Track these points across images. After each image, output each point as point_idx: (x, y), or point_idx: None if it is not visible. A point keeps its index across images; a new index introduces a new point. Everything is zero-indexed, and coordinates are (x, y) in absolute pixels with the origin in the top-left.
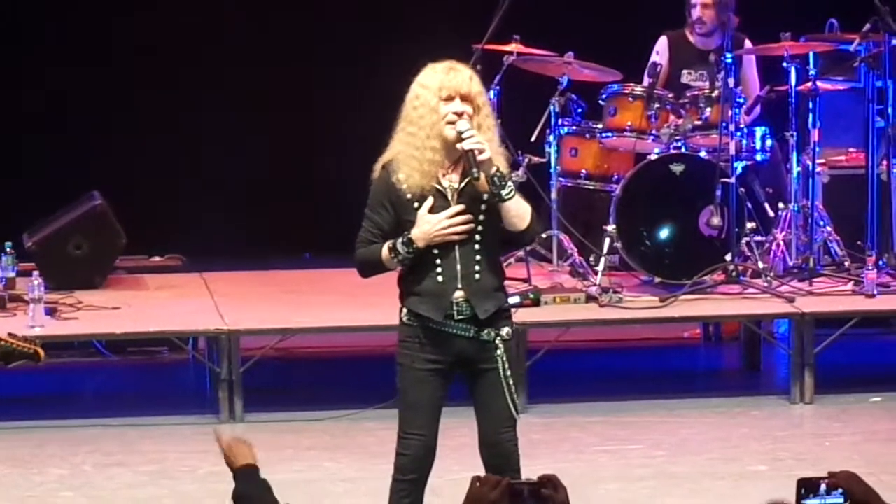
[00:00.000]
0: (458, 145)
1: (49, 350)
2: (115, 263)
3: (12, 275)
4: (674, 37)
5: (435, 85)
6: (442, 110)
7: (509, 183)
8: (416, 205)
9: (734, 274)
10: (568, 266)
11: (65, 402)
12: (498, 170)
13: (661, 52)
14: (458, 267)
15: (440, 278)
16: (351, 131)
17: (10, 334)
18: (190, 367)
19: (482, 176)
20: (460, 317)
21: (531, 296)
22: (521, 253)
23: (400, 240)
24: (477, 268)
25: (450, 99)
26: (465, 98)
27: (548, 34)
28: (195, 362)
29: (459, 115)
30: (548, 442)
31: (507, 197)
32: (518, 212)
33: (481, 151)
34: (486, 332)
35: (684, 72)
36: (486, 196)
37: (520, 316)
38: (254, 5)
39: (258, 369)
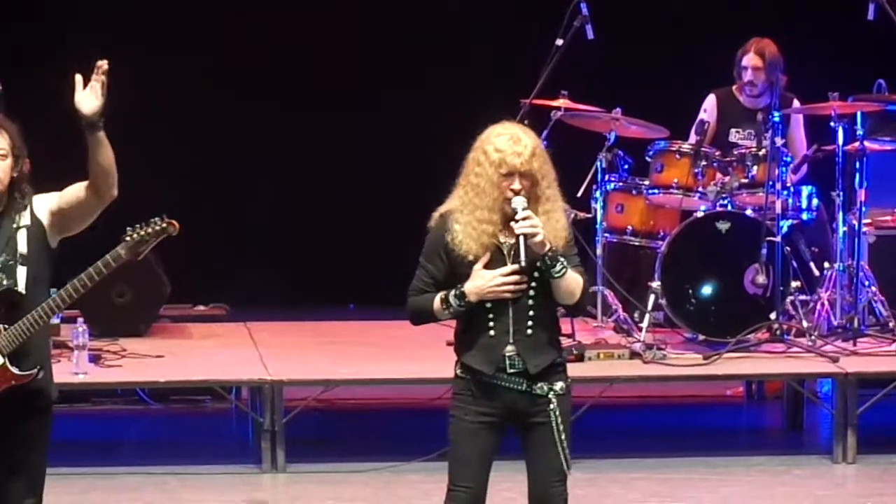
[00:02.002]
0: (512, 223)
1: (92, 398)
2: (160, 311)
3: (56, 321)
4: (722, 95)
5: (496, 159)
6: (501, 185)
7: (560, 263)
8: (469, 258)
9: (778, 333)
10: (612, 322)
11: (108, 449)
12: (550, 250)
13: (709, 109)
14: (510, 322)
15: (492, 332)
16: (396, 183)
17: (131, 228)
18: (232, 416)
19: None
20: (512, 370)
21: (575, 351)
22: (562, 309)
23: (453, 292)
24: (530, 323)
25: (509, 175)
26: (524, 175)
27: (596, 90)
28: (238, 412)
29: (517, 192)
30: (590, 498)
31: (556, 276)
32: (568, 289)
33: (534, 235)
34: (538, 385)
35: (732, 130)
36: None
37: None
38: (296, 52)
39: (301, 420)
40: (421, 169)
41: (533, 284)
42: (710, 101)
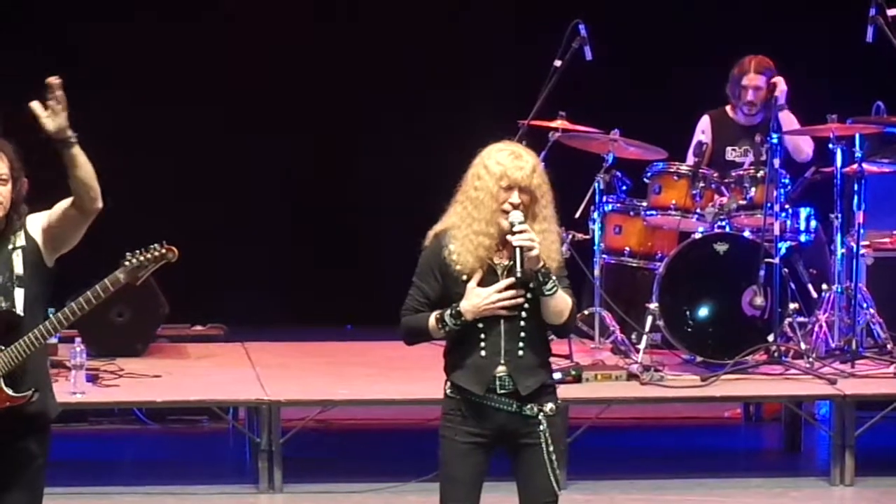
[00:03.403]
0: (509, 237)
1: (89, 417)
2: (157, 332)
3: (54, 341)
4: (716, 115)
5: (497, 172)
6: (500, 198)
7: (552, 281)
8: (464, 278)
9: (776, 354)
10: (610, 343)
11: (105, 469)
12: (543, 266)
13: (704, 130)
14: (502, 342)
15: (483, 353)
16: (395, 202)
17: (131, 253)
18: (230, 436)
19: (524, 272)
20: (502, 391)
21: (573, 372)
22: None
23: (448, 311)
24: (521, 344)
25: (509, 189)
26: (523, 189)
27: (594, 111)
28: (235, 432)
29: (515, 206)
30: None
31: (547, 293)
32: (556, 309)
33: (530, 249)
34: (528, 406)
35: (728, 149)
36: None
37: (561, 392)
38: (295, 73)
39: (298, 440)
40: (419, 190)
41: (525, 305)
42: (705, 122)
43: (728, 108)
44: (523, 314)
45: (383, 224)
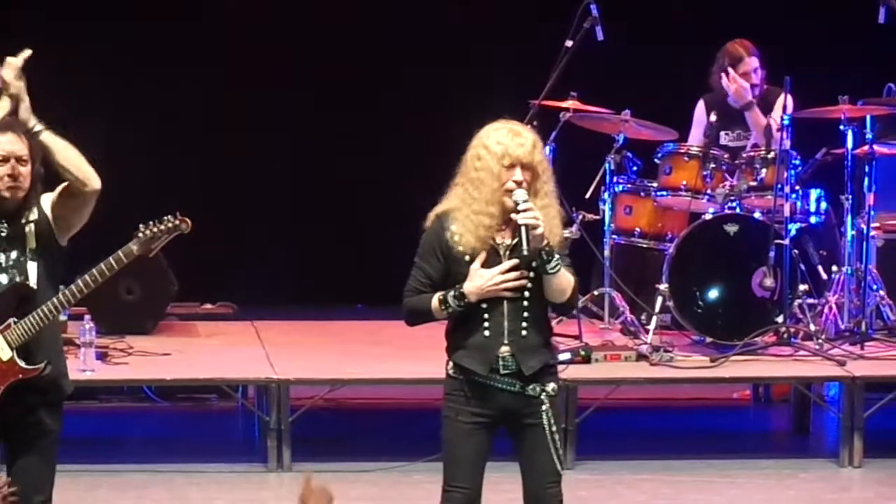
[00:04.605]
0: (513, 215)
1: (99, 395)
2: (167, 309)
3: (64, 318)
4: (709, 99)
5: (498, 151)
6: (502, 177)
7: (555, 259)
8: (466, 258)
9: (786, 336)
10: (619, 324)
11: (114, 446)
12: (547, 244)
13: (700, 116)
14: (506, 322)
15: (487, 333)
16: (406, 182)
17: (144, 225)
18: (239, 415)
19: (529, 250)
20: (505, 371)
21: (582, 353)
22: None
23: (451, 293)
24: (524, 324)
25: (511, 167)
26: (525, 166)
27: (605, 92)
28: (244, 410)
29: (518, 183)
30: (596, 499)
31: (551, 271)
32: (559, 287)
33: (535, 227)
34: (531, 387)
35: (722, 133)
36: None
37: (570, 373)
38: (306, 50)
39: (307, 419)
40: (429, 169)
41: (528, 285)
42: (700, 107)
43: (723, 92)
44: (526, 294)
45: (393, 203)
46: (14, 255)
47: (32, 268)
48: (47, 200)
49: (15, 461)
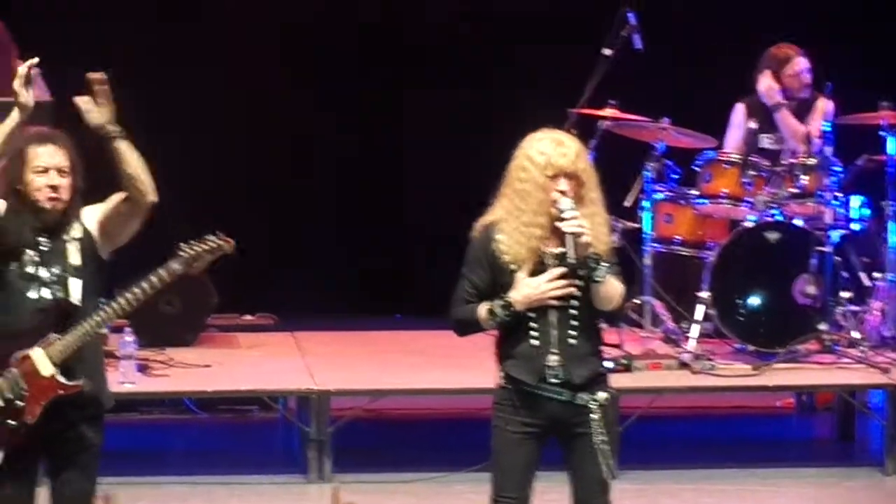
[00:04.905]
0: (559, 224)
1: (139, 407)
2: (207, 321)
3: (105, 331)
4: (749, 103)
5: (542, 162)
6: (547, 187)
7: (602, 267)
8: (513, 268)
9: (828, 343)
10: (661, 332)
11: (155, 459)
12: (594, 252)
13: (739, 119)
14: (554, 331)
15: (535, 342)
16: (445, 192)
17: (187, 244)
18: (279, 426)
19: (576, 259)
20: (554, 380)
21: (623, 362)
22: None
23: (499, 302)
24: (573, 333)
25: (555, 177)
26: (569, 175)
27: (643, 100)
28: (285, 422)
29: (563, 193)
30: None
31: (598, 279)
32: (606, 295)
33: (580, 235)
34: (580, 396)
35: (762, 136)
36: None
37: (611, 381)
38: (345, 62)
39: (348, 430)
40: (469, 180)
41: (576, 293)
42: (739, 110)
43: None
44: (574, 302)
45: (433, 214)
46: (56, 270)
47: (75, 284)
48: (91, 214)
49: (57, 475)
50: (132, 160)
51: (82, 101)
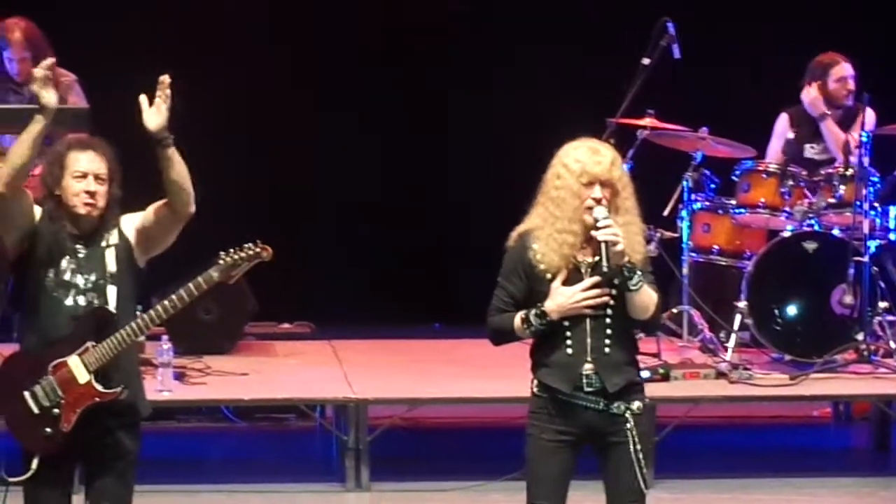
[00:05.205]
0: (593, 232)
1: (177, 415)
2: (245, 329)
3: (142, 338)
4: (794, 112)
5: (577, 169)
6: (582, 194)
7: (637, 275)
8: (549, 276)
9: (866, 353)
10: (698, 342)
11: (192, 467)
12: (628, 261)
13: (783, 129)
14: (589, 340)
15: (570, 350)
16: (483, 201)
17: (225, 252)
18: (317, 434)
19: (611, 267)
20: (589, 389)
21: (661, 371)
22: None
23: (533, 311)
24: (607, 341)
25: (590, 184)
26: (604, 183)
27: (682, 109)
28: (322, 430)
29: (597, 201)
30: None
31: (633, 288)
32: (642, 304)
33: (615, 244)
34: (615, 405)
35: (807, 146)
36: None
37: (649, 391)
38: (384, 72)
39: (385, 438)
40: (508, 188)
41: (611, 302)
42: (785, 121)
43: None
44: (609, 311)
45: (472, 223)
46: (93, 277)
47: (111, 291)
48: (129, 222)
49: (93, 482)
50: (179, 169)
51: (144, 101)
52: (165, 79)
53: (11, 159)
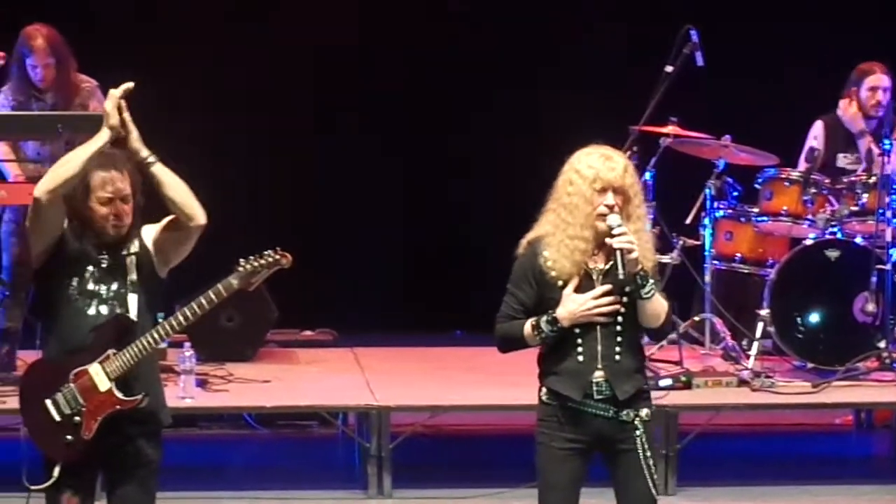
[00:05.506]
0: (608, 240)
1: (199, 422)
2: (267, 336)
3: (164, 345)
4: (829, 120)
5: (590, 175)
6: (594, 201)
7: (650, 283)
8: (560, 284)
9: (888, 361)
10: (720, 349)
11: (214, 474)
12: (642, 269)
13: (817, 136)
14: (599, 347)
15: (581, 358)
16: (507, 208)
17: (244, 259)
18: (339, 441)
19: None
20: (599, 396)
21: (683, 378)
22: (673, 335)
23: (544, 318)
24: (618, 349)
25: (603, 191)
26: (617, 190)
27: (705, 117)
28: (345, 437)
29: (611, 208)
30: None
31: (645, 296)
32: (654, 312)
33: (630, 251)
34: (625, 412)
35: (840, 155)
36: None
37: (671, 398)
38: (414, 78)
39: (408, 445)
40: (530, 197)
41: (622, 309)
42: (819, 128)
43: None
44: (619, 319)
45: (493, 230)
46: (115, 286)
47: (133, 299)
48: (149, 232)
49: (114, 490)
50: (173, 184)
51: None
52: (128, 86)
53: (61, 170)
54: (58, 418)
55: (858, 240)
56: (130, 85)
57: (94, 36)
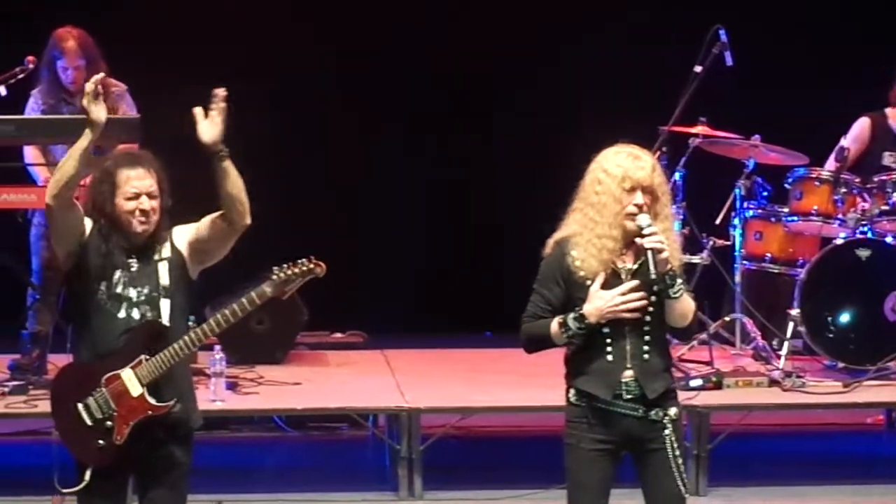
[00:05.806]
0: (638, 240)
1: (230, 425)
2: (297, 339)
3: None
4: (876, 118)
5: (619, 174)
6: (623, 200)
7: (679, 283)
8: (588, 282)
9: None
10: (751, 349)
11: (245, 476)
12: (671, 269)
13: (861, 133)
14: (628, 347)
15: (610, 357)
16: (536, 209)
17: (278, 267)
18: (369, 443)
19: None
20: (628, 396)
21: (714, 379)
22: (704, 336)
23: (571, 315)
24: (646, 347)
25: (632, 190)
26: (646, 189)
27: (734, 116)
28: (375, 439)
29: (640, 207)
30: None
31: (674, 295)
32: (682, 311)
33: (661, 251)
34: (654, 411)
35: (886, 154)
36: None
37: (702, 399)
38: (437, 80)
39: (438, 447)
40: (559, 196)
41: (649, 308)
42: (864, 125)
43: (889, 111)
44: (647, 318)
45: (523, 231)
46: (146, 290)
47: (165, 304)
48: (182, 234)
49: (146, 493)
50: (235, 181)
51: (199, 113)
52: (220, 91)
53: (59, 173)
54: (89, 423)
55: (889, 239)
56: (101, 76)
57: (122, 36)
